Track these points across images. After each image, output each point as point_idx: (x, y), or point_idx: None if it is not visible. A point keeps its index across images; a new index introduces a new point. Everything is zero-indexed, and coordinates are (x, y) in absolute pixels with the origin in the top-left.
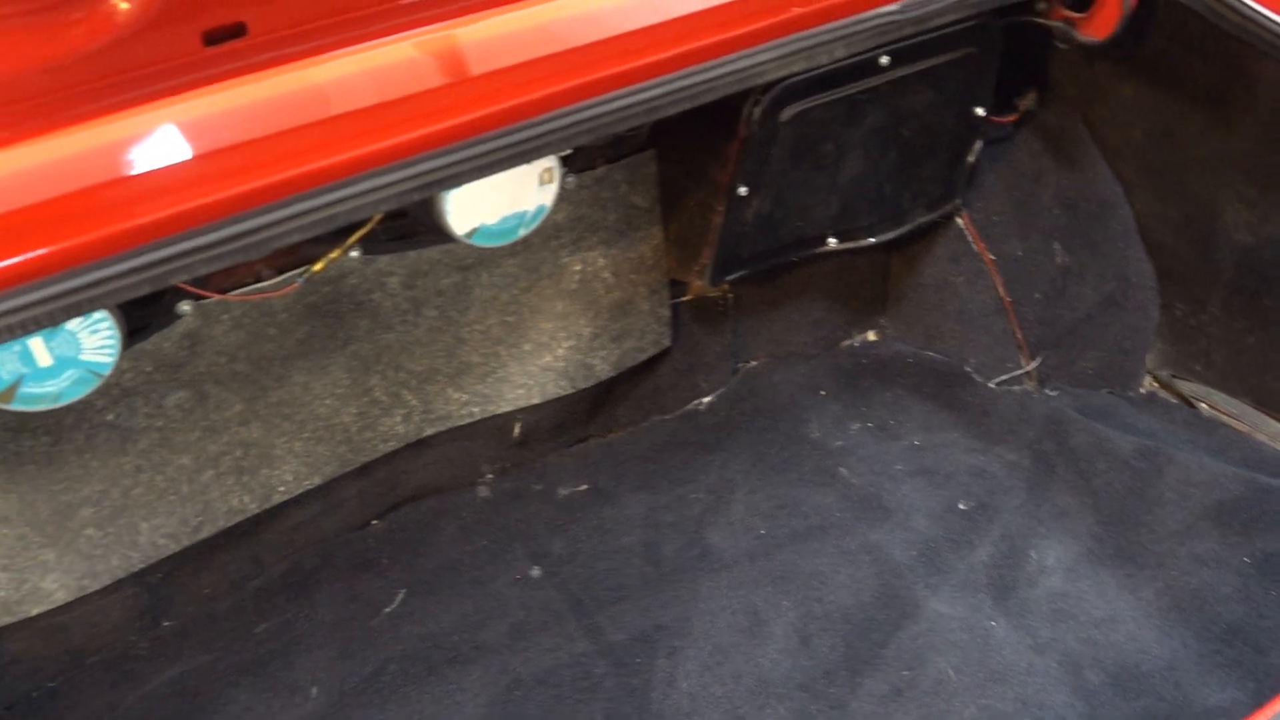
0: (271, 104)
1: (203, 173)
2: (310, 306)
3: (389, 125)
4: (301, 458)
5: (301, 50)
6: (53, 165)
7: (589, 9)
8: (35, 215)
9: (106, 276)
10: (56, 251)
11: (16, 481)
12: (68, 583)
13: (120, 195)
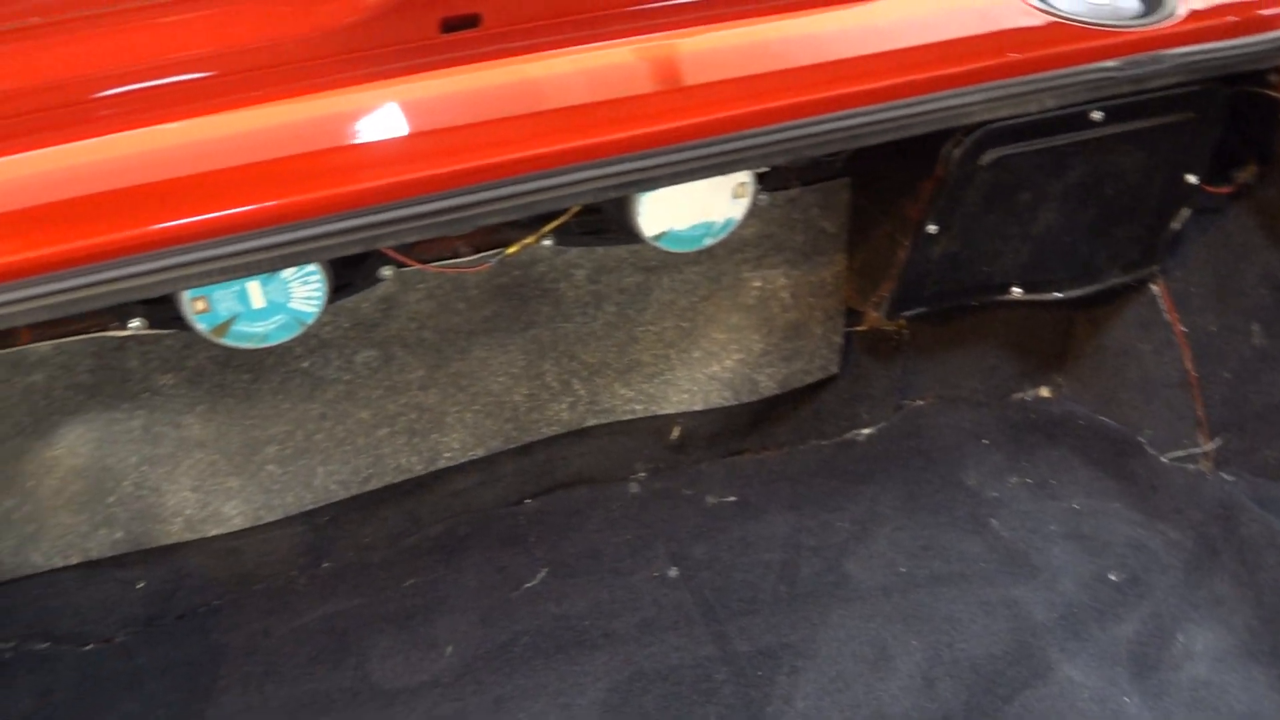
0: (493, 92)
1: (423, 149)
2: (499, 287)
3: (598, 124)
4: (470, 428)
5: (528, 45)
6: (294, 126)
7: (805, 33)
8: (271, 170)
9: (325, 233)
10: (285, 205)
11: (216, 411)
12: (246, 511)
13: (347, 160)
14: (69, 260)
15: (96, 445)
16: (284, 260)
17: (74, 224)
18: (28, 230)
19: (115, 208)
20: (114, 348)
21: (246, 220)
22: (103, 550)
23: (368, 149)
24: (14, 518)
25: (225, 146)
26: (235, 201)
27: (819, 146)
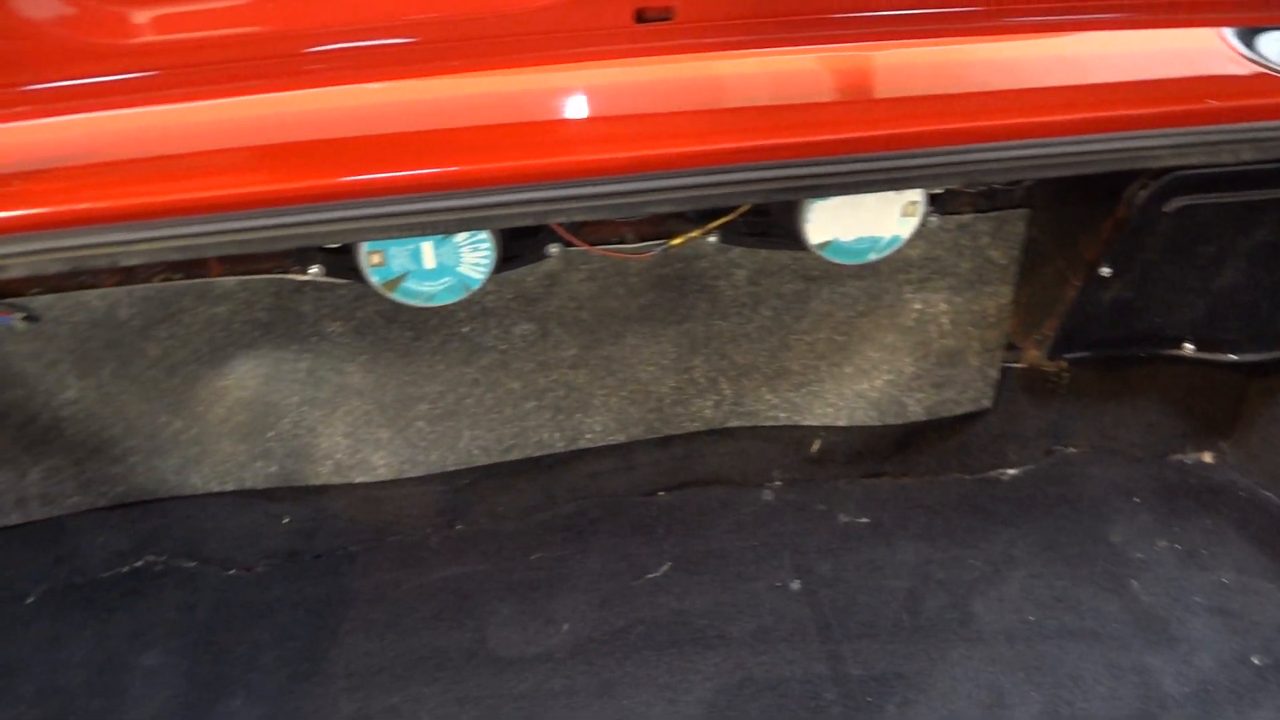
0: (677, 85)
1: (602, 132)
2: (659, 277)
3: (775, 126)
4: (614, 413)
5: (718, 42)
6: (484, 98)
7: (997, 58)
8: (457, 137)
9: (500, 203)
10: (465, 171)
11: (377, 363)
12: (391, 463)
13: (528, 135)
14: (264, 200)
15: (264, 381)
16: (458, 224)
17: (272, 168)
18: (230, 169)
19: (310, 157)
20: (292, 290)
21: (428, 182)
22: (256, 482)
23: (550, 127)
24: (181, 439)
25: (418, 110)
26: (420, 163)
27: (998, 174)
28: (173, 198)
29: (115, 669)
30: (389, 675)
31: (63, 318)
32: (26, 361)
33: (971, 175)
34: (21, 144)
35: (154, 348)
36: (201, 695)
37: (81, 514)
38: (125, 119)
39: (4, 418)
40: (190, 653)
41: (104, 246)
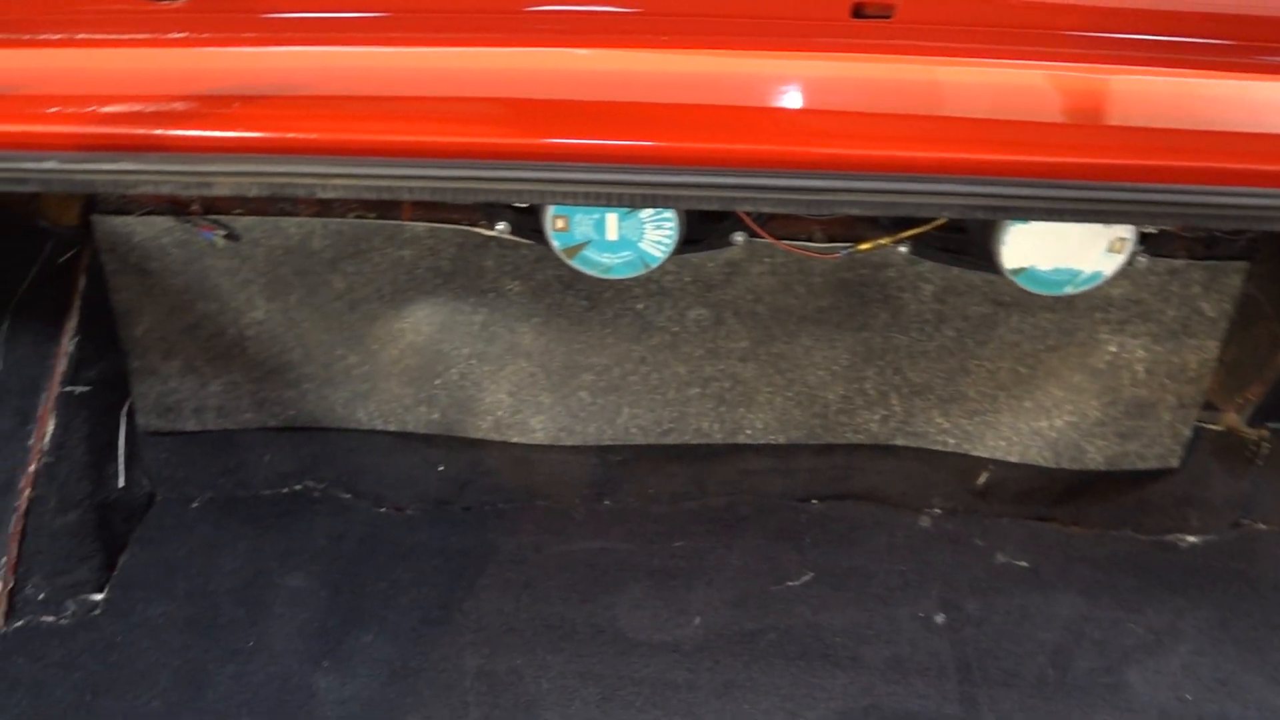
0: (886, 86)
1: (802, 125)
2: (842, 281)
3: (983, 140)
4: (777, 413)
5: (936, 47)
6: (686, 76)
7: (1233, 95)
8: (655, 112)
9: (690, 183)
10: (658, 147)
11: (549, 328)
12: (549, 428)
13: (727, 120)
14: (459, 151)
15: (438, 329)
16: (644, 200)
17: (472, 120)
18: (432, 117)
19: (511, 114)
20: (477, 244)
21: (620, 154)
22: (418, 426)
23: (749, 113)
24: (353, 373)
25: (620, 81)
26: (614, 134)
27: (1223, 220)
28: (373, 138)
29: (262, 584)
30: (516, 637)
31: (260, 240)
32: (222, 278)
33: (1192, 218)
34: (248, 69)
35: (340, 281)
36: (337, 623)
37: (252, 431)
38: (342, 57)
39: (195, 328)
40: (333, 581)
41: (303, 177)
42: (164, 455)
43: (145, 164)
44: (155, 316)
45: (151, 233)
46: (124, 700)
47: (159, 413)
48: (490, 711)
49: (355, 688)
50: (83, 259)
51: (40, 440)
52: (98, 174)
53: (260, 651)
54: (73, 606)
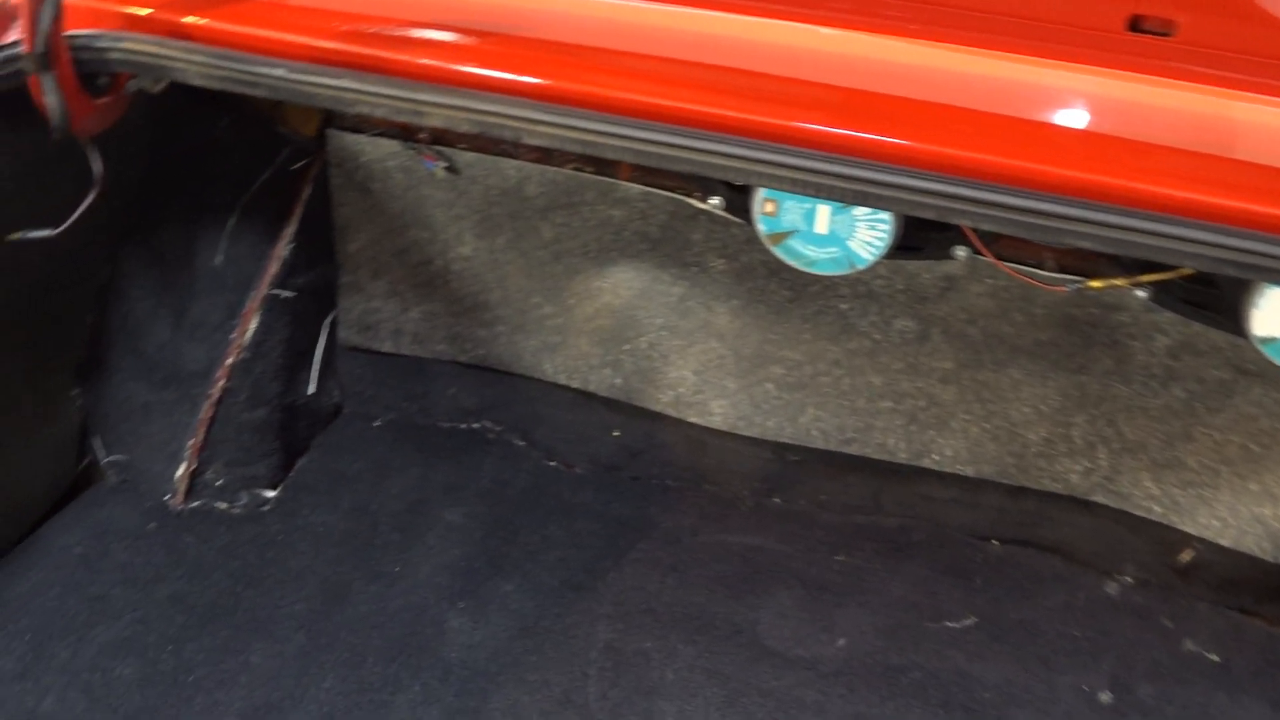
0: (1156, 111)
1: (1047, 141)
2: (1066, 316)
3: (1248, 188)
4: (970, 443)
5: (1220, 76)
6: (929, 72)
7: None
8: (886, 105)
9: (908, 185)
10: (883, 144)
11: (746, 312)
12: (729, 415)
13: (961, 123)
14: (671, 116)
15: (636, 294)
16: (860, 197)
17: (687, 86)
18: (647, 77)
19: (728, 85)
20: (688, 215)
21: (840, 143)
22: (599, 388)
23: (989, 120)
24: (547, 324)
25: (850, 67)
26: (838, 121)
27: None
28: (579, 89)
29: (422, 513)
30: (652, 619)
31: (478, 178)
32: (437, 208)
33: None
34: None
35: (548, 230)
36: (483, 566)
37: (443, 363)
38: (565, 2)
39: (405, 253)
40: (489, 524)
41: (510, 119)
42: (356, 371)
43: (363, 84)
44: (370, 236)
45: (379, 154)
46: (270, 597)
47: (359, 329)
48: (608, 689)
49: (484, 634)
50: (312, 170)
51: (242, 336)
52: (319, 88)
53: (404, 578)
54: (245, 498)
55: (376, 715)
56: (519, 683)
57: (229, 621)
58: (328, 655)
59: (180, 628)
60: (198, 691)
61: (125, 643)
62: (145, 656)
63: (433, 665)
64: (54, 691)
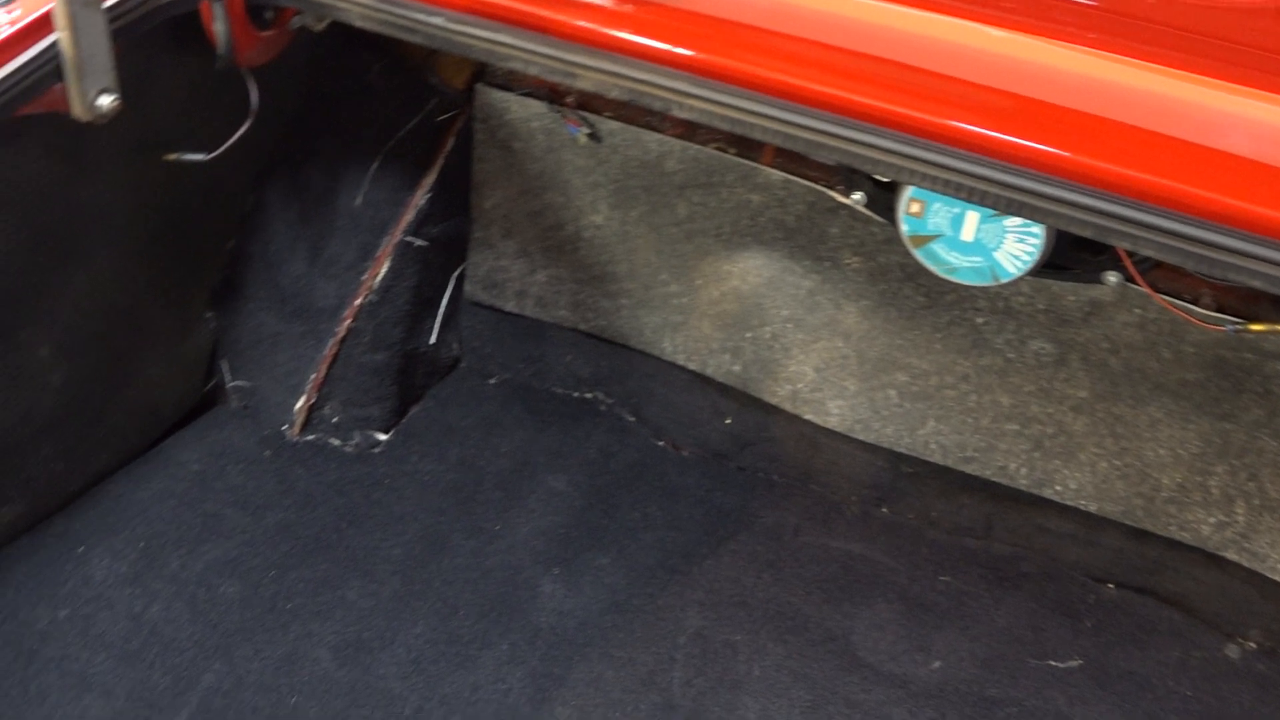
0: None
1: (1214, 165)
2: (1219, 359)
3: None
4: (1097, 479)
5: None
6: (1110, 86)
7: None
8: (1056, 115)
9: (1070, 200)
10: (1047, 153)
11: (876, 315)
12: (846, 417)
13: (1134, 142)
14: (822, 103)
15: (764, 283)
16: (1016, 206)
17: (844, 73)
18: (802, 60)
19: (888, 76)
20: (828, 208)
21: (999, 148)
22: (716, 373)
23: (1159, 138)
24: (671, 302)
25: (1021, 71)
26: (1000, 125)
27: None
28: (733, 65)
29: (526, 475)
30: (744, 613)
31: (619, 148)
32: (574, 174)
33: None
34: None
35: (683, 208)
36: (580, 536)
37: (563, 329)
38: None
39: (538, 215)
40: (590, 495)
41: (661, 89)
42: (477, 327)
43: (520, 40)
44: (506, 194)
45: (524, 114)
46: (371, 538)
47: (484, 286)
48: (693, 676)
49: (575, 604)
50: (457, 123)
51: (373, 278)
52: (475, 40)
53: (502, 537)
54: (358, 438)
55: (462, 668)
56: (605, 657)
57: (330, 556)
58: (421, 602)
59: (284, 555)
60: (294, 619)
61: (231, 563)
62: (248, 579)
63: (522, 627)
64: (160, 600)
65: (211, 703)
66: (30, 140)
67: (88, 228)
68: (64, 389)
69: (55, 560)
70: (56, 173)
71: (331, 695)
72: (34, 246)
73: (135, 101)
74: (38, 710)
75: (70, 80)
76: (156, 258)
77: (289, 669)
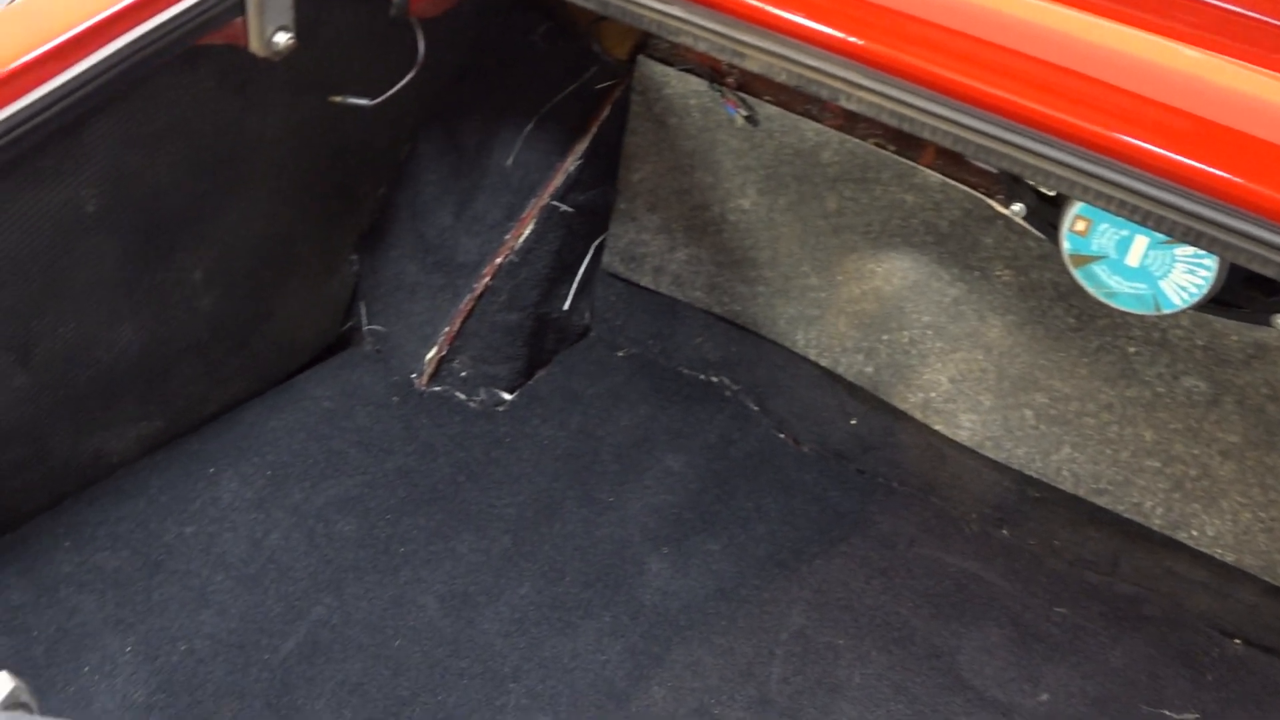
0: None
1: None
2: None
3: None
4: (1239, 530)
5: None
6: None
7: None
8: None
9: (1256, 236)
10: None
11: (1022, 331)
12: (977, 432)
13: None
14: (1002, 108)
15: (908, 286)
16: (1194, 235)
17: (1029, 82)
18: (985, 63)
19: (1080, 89)
20: (984, 216)
21: (1183, 173)
22: (847, 371)
23: None
24: (809, 295)
25: (1224, 102)
26: (1188, 150)
27: None
28: (903, 57)
29: (645, 451)
30: (850, 617)
31: (775, 134)
32: (727, 155)
33: None
34: None
35: (833, 201)
36: (693, 519)
37: (696, 310)
38: None
39: (685, 193)
40: (707, 479)
41: (830, 78)
42: (611, 298)
43: (691, 14)
44: (655, 169)
45: (683, 90)
46: (486, 494)
47: (623, 259)
48: (791, 674)
49: (680, 585)
50: (614, 92)
51: (515, 239)
52: (646, 10)
53: (615, 509)
54: (483, 395)
55: (563, 634)
56: (705, 643)
57: (445, 507)
58: (529, 564)
59: (401, 500)
60: (405, 564)
61: (351, 501)
62: (365, 519)
63: (625, 601)
64: (281, 528)
65: (319, 634)
66: (206, 70)
67: (250, 161)
68: (211, 314)
69: (187, 478)
70: (227, 104)
71: (434, 643)
72: (198, 173)
73: (308, 42)
74: (157, 619)
75: (251, 15)
76: (310, 197)
77: (396, 612)
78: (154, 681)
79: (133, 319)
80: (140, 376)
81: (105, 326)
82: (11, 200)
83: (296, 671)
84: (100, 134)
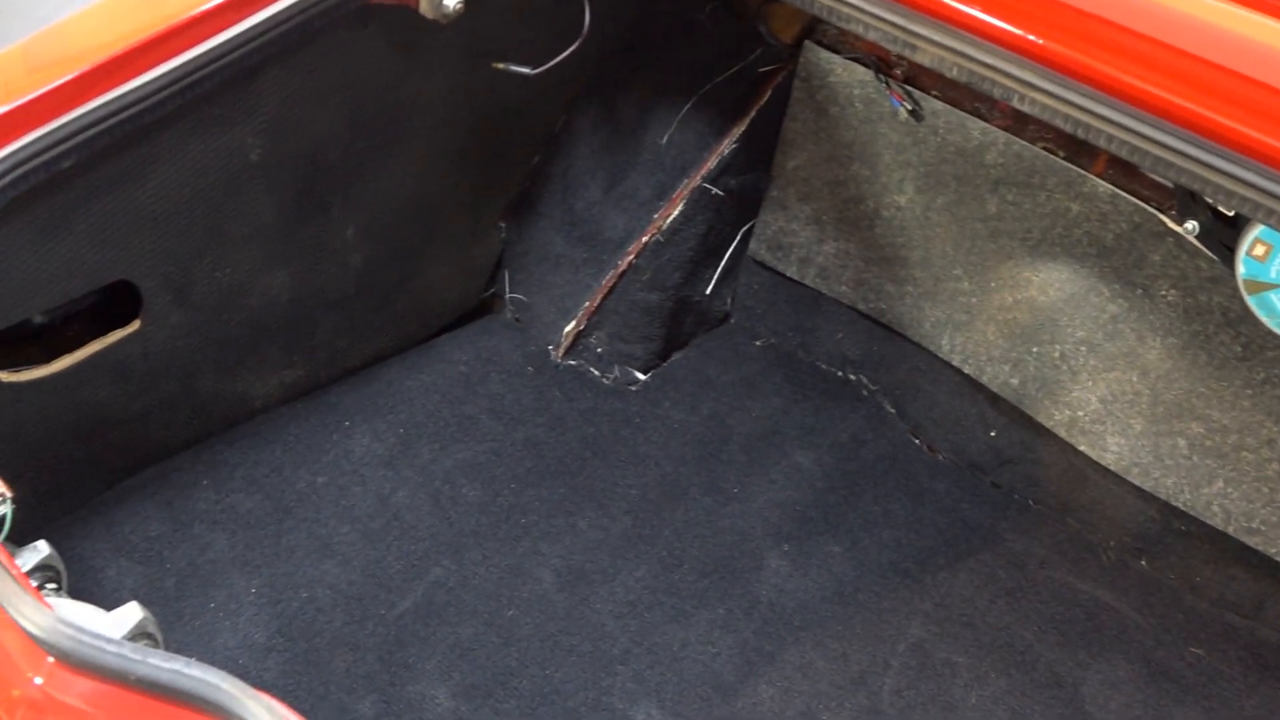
0: None
1: None
2: None
3: None
4: None
5: None
6: None
7: None
8: None
9: None
10: None
11: (1182, 356)
12: (1123, 457)
13: None
14: (1189, 121)
15: (1065, 298)
16: None
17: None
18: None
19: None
20: (1154, 232)
21: None
22: (991, 381)
23: None
24: (958, 300)
25: None
26: None
27: None
28: (1085, 60)
29: (773, 444)
30: (971, 634)
31: (939, 130)
32: (886, 149)
33: None
34: None
35: (994, 205)
36: (816, 518)
37: (840, 306)
38: None
39: (839, 185)
40: (834, 478)
41: (1005, 77)
42: (754, 286)
43: (865, 2)
44: (810, 157)
45: (848, 79)
46: (613, 472)
47: (770, 247)
48: (905, 688)
49: (798, 585)
50: (777, 77)
51: (663, 219)
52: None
53: (738, 501)
54: (617, 372)
55: (675, 621)
56: (819, 646)
57: (570, 482)
58: (648, 547)
59: (527, 471)
60: (525, 535)
61: (478, 467)
62: (490, 486)
63: (741, 595)
64: (408, 487)
65: (435, 596)
66: (377, 29)
67: (409, 122)
68: (360, 270)
69: (323, 429)
70: (393, 64)
71: (547, 617)
72: (359, 130)
73: (477, 7)
74: (284, 564)
75: None
76: (464, 162)
77: (512, 581)
78: (274, 625)
79: (285, 269)
80: (287, 325)
81: (259, 273)
82: (181, 145)
83: (411, 630)
84: (271, 85)
